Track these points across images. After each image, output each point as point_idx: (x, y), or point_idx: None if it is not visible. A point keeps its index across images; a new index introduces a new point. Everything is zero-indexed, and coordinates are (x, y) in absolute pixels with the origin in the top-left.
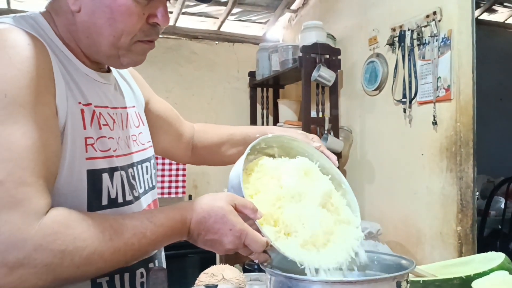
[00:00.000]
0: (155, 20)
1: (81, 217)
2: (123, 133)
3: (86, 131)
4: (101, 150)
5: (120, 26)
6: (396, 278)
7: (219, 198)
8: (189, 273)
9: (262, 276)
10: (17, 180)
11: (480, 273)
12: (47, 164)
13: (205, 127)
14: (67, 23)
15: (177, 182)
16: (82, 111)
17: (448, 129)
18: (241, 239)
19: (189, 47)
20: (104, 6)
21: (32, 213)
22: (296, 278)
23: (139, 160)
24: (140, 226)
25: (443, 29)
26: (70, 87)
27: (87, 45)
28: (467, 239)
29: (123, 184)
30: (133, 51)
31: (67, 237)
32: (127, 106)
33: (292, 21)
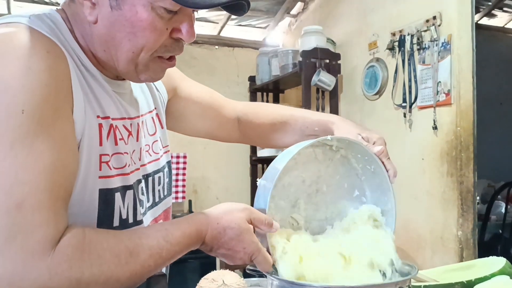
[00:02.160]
0: (179, 35)
1: (96, 238)
2: (137, 145)
3: (102, 148)
4: (115, 168)
5: (140, 41)
6: (398, 284)
7: (237, 213)
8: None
9: (263, 282)
10: (34, 203)
11: (481, 277)
12: (65, 184)
13: (256, 108)
14: (84, 32)
15: (177, 187)
16: (100, 126)
17: (449, 134)
18: (251, 257)
19: (189, 52)
20: (124, 20)
21: (49, 239)
22: (298, 284)
23: (151, 172)
24: (156, 247)
25: (443, 34)
26: (89, 99)
27: (104, 57)
28: (468, 243)
29: (135, 203)
30: (151, 68)
31: (83, 264)
32: (142, 114)
33: (292, 26)
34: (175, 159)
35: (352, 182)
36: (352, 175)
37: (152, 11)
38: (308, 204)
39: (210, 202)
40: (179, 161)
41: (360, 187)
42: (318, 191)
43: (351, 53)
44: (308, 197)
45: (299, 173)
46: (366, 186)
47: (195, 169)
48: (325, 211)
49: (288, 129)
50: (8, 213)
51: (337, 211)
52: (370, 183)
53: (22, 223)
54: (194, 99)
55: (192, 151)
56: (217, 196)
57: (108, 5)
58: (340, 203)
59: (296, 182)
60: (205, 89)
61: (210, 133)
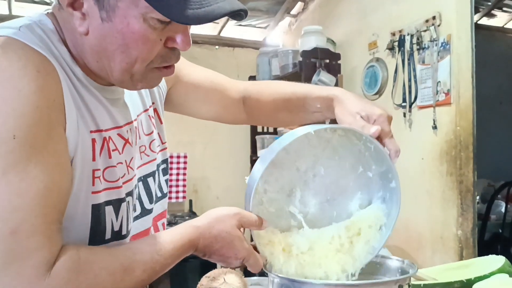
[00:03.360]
0: (174, 44)
1: (91, 259)
2: (134, 149)
3: (95, 163)
4: (108, 181)
5: (134, 53)
6: (398, 282)
7: (228, 220)
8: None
9: (263, 281)
10: (29, 229)
11: (480, 276)
12: (59, 206)
13: (259, 85)
14: (75, 42)
15: (177, 187)
16: (94, 141)
17: (448, 133)
18: (243, 261)
19: (189, 52)
20: (116, 32)
21: (44, 263)
22: (299, 281)
23: (147, 173)
24: (150, 261)
25: (442, 34)
26: (82, 113)
27: (97, 68)
28: (467, 243)
29: (128, 214)
30: (148, 77)
31: (80, 285)
32: (138, 114)
33: (292, 26)
34: (175, 159)
35: (355, 159)
36: (354, 152)
37: (144, 23)
38: (305, 191)
39: (210, 202)
40: (180, 161)
41: (364, 162)
42: (316, 176)
43: (351, 53)
44: (304, 184)
45: (292, 162)
46: (372, 161)
47: (195, 169)
48: (325, 193)
49: (291, 107)
50: (3, 240)
51: (339, 190)
52: (375, 158)
53: (17, 249)
54: (197, 84)
55: (192, 151)
56: (217, 196)
57: (98, 17)
58: (342, 181)
59: (289, 172)
60: (207, 73)
61: (216, 116)
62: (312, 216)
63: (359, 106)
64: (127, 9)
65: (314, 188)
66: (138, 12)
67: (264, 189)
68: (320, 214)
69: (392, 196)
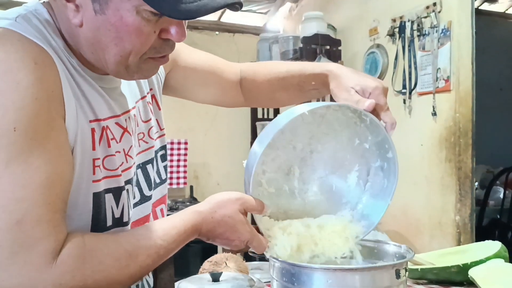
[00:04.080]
0: (168, 36)
1: (96, 246)
2: (132, 138)
3: (95, 152)
4: (108, 169)
5: (127, 46)
6: (395, 266)
7: (230, 204)
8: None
9: (264, 265)
10: (34, 218)
11: (477, 261)
12: (62, 196)
13: (254, 67)
14: (70, 32)
15: (178, 173)
16: (93, 130)
17: (448, 120)
18: (246, 244)
19: (189, 38)
20: (109, 25)
21: (50, 251)
22: (299, 265)
23: (146, 160)
24: (154, 247)
25: (443, 20)
26: (81, 103)
27: (92, 59)
28: (465, 228)
29: (128, 201)
30: (143, 68)
31: (86, 272)
32: (136, 101)
33: (293, 11)
34: (176, 146)
35: (351, 132)
36: (350, 125)
37: (137, 15)
38: (303, 168)
39: (211, 188)
40: (180, 147)
41: (361, 134)
42: (313, 152)
43: (351, 39)
44: (302, 161)
45: (288, 141)
46: (368, 132)
47: (196, 155)
48: (324, 168)
49: (287, 85)
50: (9, 230)
51: (337, 164)
52: (371, 130)
53: (23, 239)
54: (194, 68)
55: (193, 137)
56: (218, 182)
57: (91, 9)
58: (340, 155)
59: (285, 151)
60: (205, 56)
61: (214, 100)
62: (312, 192)
63: (354, 80)
64: (120, 2)
65: (312, 164)
66: (131, 4)
67: (263, 170)
68: (320, 189)
69: (390, 165)
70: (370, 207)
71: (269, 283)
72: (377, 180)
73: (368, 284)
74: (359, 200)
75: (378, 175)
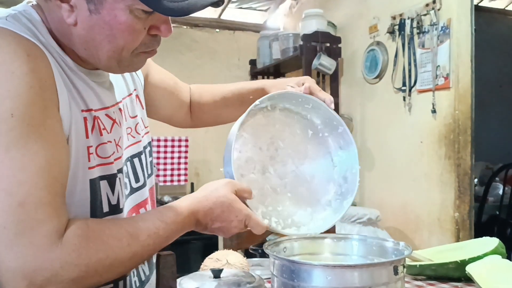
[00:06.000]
0: (157, 32)
1: (98, 227)
2: (121, 130)
3: (88, 140)
4: (101, 157)
5: (120, 42)
6: (393, 263)
7: (222, 188)
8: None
9: (264, 262)
10: (36, 201)
11: (474, 257)
12: (61, 180)
13: (201, 88)
14: (62, 31)
15: (179, 170)
16: (85, 119)
17: (447, 117)
18: (245, 223)
19: (190, 35)
20: (103, 23)
21: (54, 231)
22: (299, 262)
23: (134, 153)
24: (153, 227)
25: (442, 18)
26: (73, 95)
27: (85, 55)
28: (464, 225)
29: (122, 189)
30: (134, 61)
31: (90, 250)
32: (124, 97)
33: (293, 9)
34: (177, 143)
35: (302, 125)
36: (299, 120)
37: (130, 14)
38: (276, 165)
39: None
40: (181, 144)
41: (310, 124)
42: (278, 149)
43: (351, 36)
44: (272, 159)
45: (253, 144)
46: (315, 120)
47: (197, 153)
48: (292, 161)
49: (229, 102)
50: (13, 212)
51: (302, 155)
52: (317, 116)
53: (26, 220)
54: (162, 84)
55: (194, 135)
56: (218, 179)
57: (86, 9)
58: (301, 147)
59: (254, 153)
60: (169, 74)
61: (169, 118)
62: (291, 184)
63: (287, 81)
64: (114, 2)
65: (282, 160)
66: (125, 4)
67: (241, 174)
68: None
69: (345, 138)
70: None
71: (269, 280)
72: (342, 155)
73: (367, 280)
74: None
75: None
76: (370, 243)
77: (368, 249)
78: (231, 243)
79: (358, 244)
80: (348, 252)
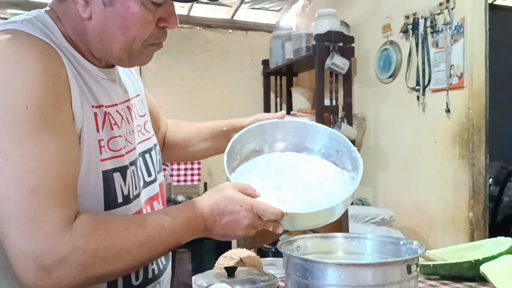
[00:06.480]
0: (165, 24)
1: (107, 218)
2: (131, 126)
3: (99, 134)
4: (113, 150)
5: (132, 33)
6: (407, 262)
7: (222, 188)
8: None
9: (277, 261)
10: (47, 189)
11: (488, 257)
12: (72, 171)
13: (177, 124)
14: (77, 28)
15: (192, 170)
16: (95, 115)
17: (461, 117)
18: (253, 211)
19: (203, 36)
20: (117, 15)
21: (64, 218)
22: (313, 261)
23: (145, 149)
24: (158, 219)
25: (456, 17)
26: (84, 92)
27: (98, 49)
28: (478, 225)
29: (133, 180)
30: (143, 54)
31: (98, 237)
32: (130, 98)
33: (306, 8)
34: None
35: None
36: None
37: (141, 6)
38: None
39: None
40: None
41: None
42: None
43: (365, 36)
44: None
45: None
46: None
47: None
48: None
49: (201, 134)
50: (25, 198)
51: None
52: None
53: (38, 206)
54: (151, 107)
55: None
56: None
57: (101, 2)
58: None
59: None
60: (153, 99)
61: None
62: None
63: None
64: None
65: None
66: None
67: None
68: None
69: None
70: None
71: (283, 279)
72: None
73: (380, 279)
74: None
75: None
76: (383, 242)
77: (382, 248)
78: (244, 242)
79: (372, 243)
80: (361, 251)
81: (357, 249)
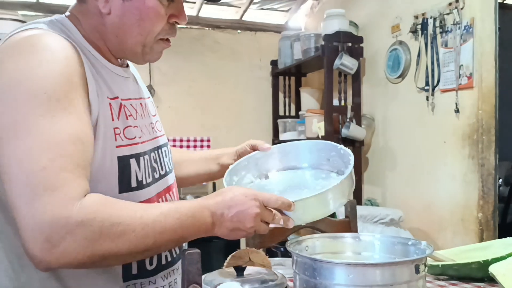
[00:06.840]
0: (176, 19)
1: (115, 200)
2: (145, 121)
3: (114, 122)
4: (128, 138)
5: (148, 26)
6: (415, 262)
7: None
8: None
9: (286, 261)
10: (58, 166)
11: (497, 257)
12: (84, 153)
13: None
14: (96, 24)
15: None
16: (110, 105)
17: (470, 117)
18: (258, 200)
19: (212, 37)
20: (134, 9)
21: (73, 195)
22: (321, 260)
23: (159, 145)
24: (164, 207)
25: (465, 17)
26: (99, 84)
27: (115, 43)
28: (488, 225)
29: (148, 168)
30: (154, 49)
31: (105, 215)
32: (144, 97)
33: (315, 9)
34: (199, 143)
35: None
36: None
37: (156, 0)
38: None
39: None
40: (203, 144)
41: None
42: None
43: (374, 36)
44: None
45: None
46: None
47: None
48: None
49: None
50: (36, 174)
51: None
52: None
53: (48, 182)
54: None
55: (216, 135)
56: None
57: None
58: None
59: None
60: None
61: None
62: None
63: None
64: None
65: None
66: None
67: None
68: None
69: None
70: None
71: (291, 278)
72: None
73: (388, 278)
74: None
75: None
76: (392, 242)
77: (390, 248)
78: (253, 242)
79: (380, 243)
80: (369, 251)
81: (365, 249)
